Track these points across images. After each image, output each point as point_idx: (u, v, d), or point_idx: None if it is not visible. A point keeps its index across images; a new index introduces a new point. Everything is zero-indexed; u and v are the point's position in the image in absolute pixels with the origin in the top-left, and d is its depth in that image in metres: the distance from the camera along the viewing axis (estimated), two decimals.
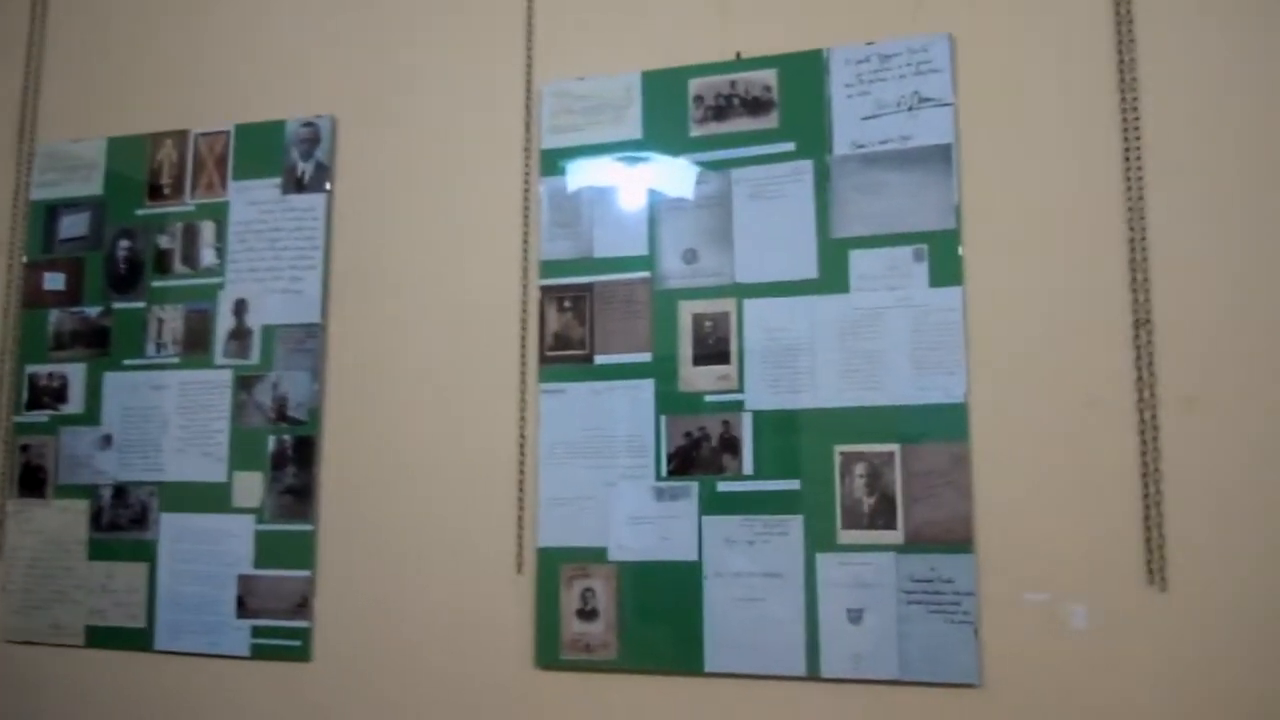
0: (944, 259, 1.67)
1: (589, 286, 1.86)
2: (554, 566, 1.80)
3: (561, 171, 1.90)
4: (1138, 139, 1.61)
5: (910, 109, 1.72)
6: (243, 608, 1.97)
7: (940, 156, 1.70)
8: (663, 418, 1.78)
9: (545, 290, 1.88)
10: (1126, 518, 1.55)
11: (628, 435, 1.79)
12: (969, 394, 1.63)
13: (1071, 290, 1.62)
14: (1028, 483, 1.60)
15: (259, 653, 1.96)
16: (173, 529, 2.04)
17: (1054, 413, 1.60)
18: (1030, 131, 1.67)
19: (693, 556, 1.73)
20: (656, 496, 1.77)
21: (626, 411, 1.80)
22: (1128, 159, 1.61)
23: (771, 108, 1.79)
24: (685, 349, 1.79)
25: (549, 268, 1.88)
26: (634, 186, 1.85)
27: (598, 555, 1.79)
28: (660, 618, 1.74)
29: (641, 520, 1.77)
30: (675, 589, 1.73)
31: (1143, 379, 1.56)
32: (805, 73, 1.79)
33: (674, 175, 1.82)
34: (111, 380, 2.13)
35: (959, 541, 1.61)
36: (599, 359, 1.83)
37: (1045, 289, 1.63)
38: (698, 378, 1.78)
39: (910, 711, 1.61)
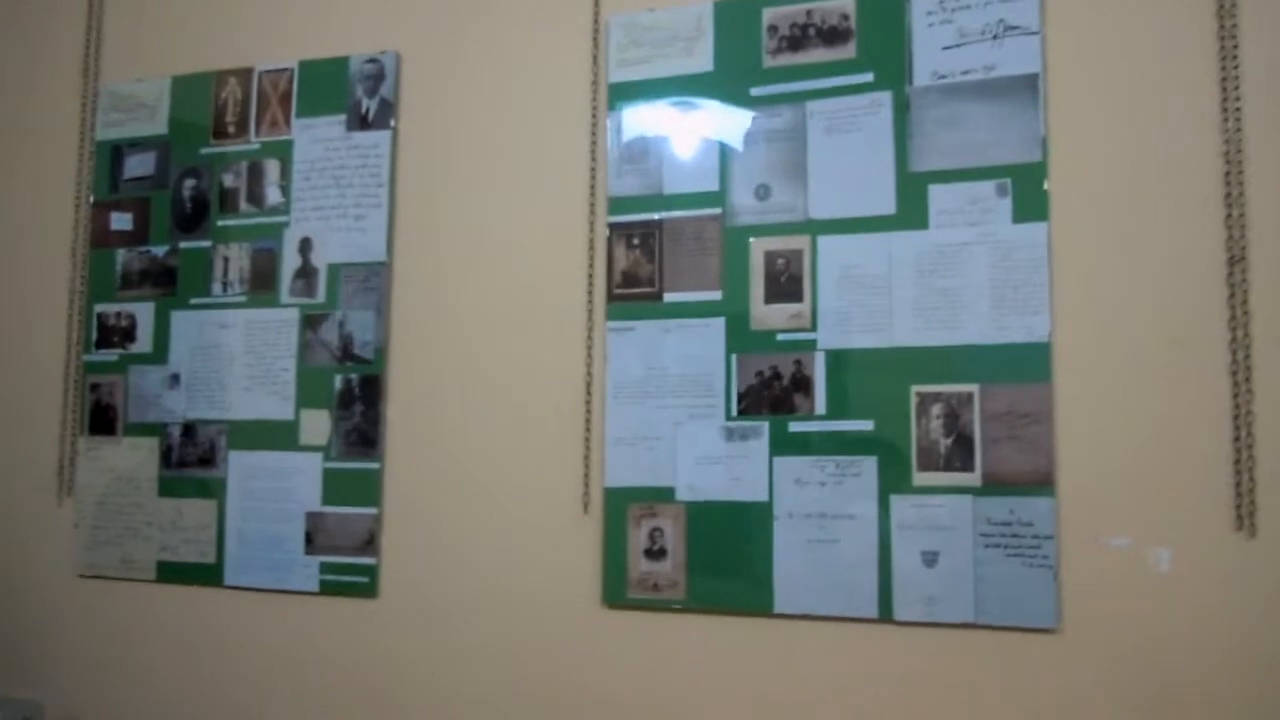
0: (1029, 194, 1.61)
1: (658, 223, 1.82)
2: (621, 506, 1.79)
3: (630, 105, 1.86)
4: (1236, 69, 1.53)
5: (995, 37, 1.66)
6: (311, 544, 1.99)
7: (1026, 87, 1.63)
8: (733, 356, 1.75)
9: (613, 227, 1.85)
10: (1215, 461, 1.50)
11: (697, 374, 1.77)
12: (1053, 333, 1.59)
13: (1162, 227, 1.56)
14: (1112, 424, 1.55)
15: (326, 589, 1.97)
16: (241, 467, 2.06)
17: (1142, 353, 1.55)
18: (1120, 62, 1.60)
19: (763, 497, 1.71)
20: (726, 436, 1.74)
21: (696, 350, 1.77)
22: (1225, 90, 1.53)
23: (849, 37, 1.74)
24: (757, 287, 1.75)
25: (617, 204, 1.85)
26: (705, 121, 1.81)
27: (666, 495, 1.77)
28: (729, 558, 1.72)
29: (711, 460, 1.75)
30: (745, 529, 1.71)
31: (1236, 318, 1.50)
32: (885, 1, 1.73)
33: (747, 109, 1.78)
34: (179, 319, 2.14)
35: (1039, 484, 1.57)
36: (668, 297, 1.80)
37: (1134, 225, 1.57)
38: (769, 316, 1.74)
39: (985, 655, 1.58)
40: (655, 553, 1.77)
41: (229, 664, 2.04)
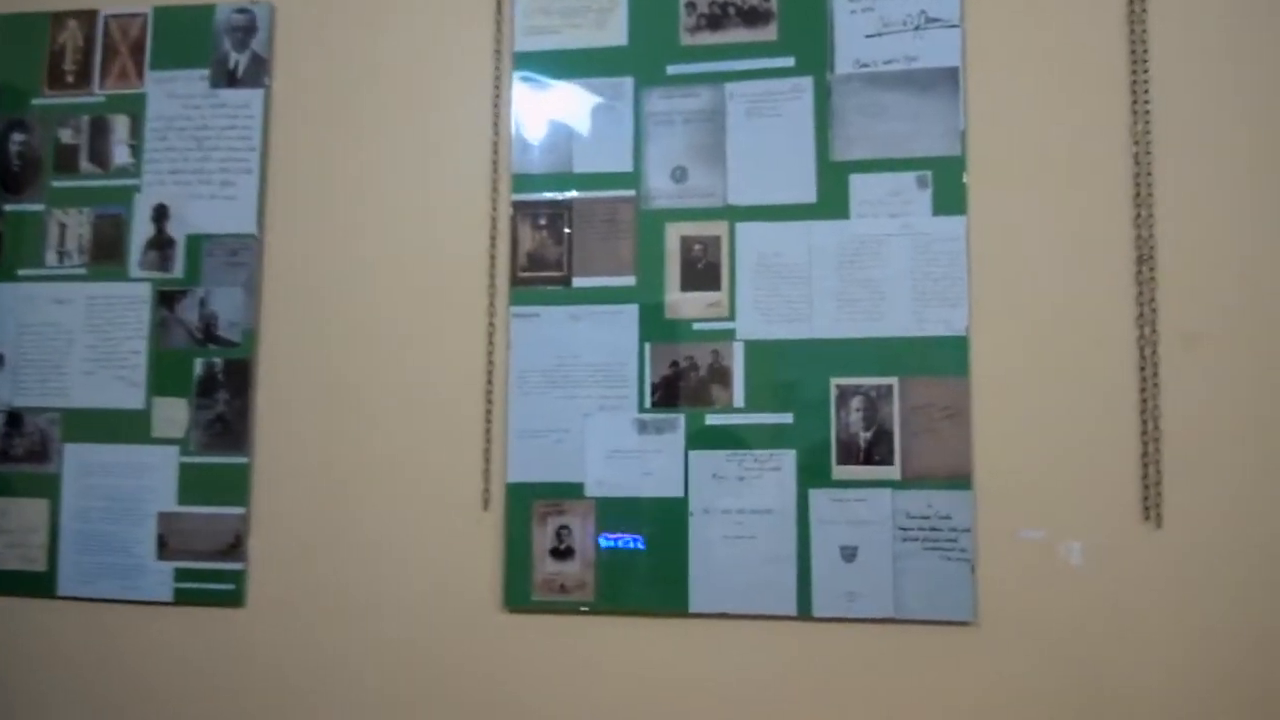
0: (948, 187, 1.61)
1: (567, 204, 1.72)
2: (525, 503, 1.68)
3: (537, 77, 1.75)
4: (1146, 70, 1.58)
5: (917, 28, 1.65)
6: (164, 548, 1.77)
7: (947, 80, 1.63)
8: (647, 345, 1.67)
9: (518, 206, 1.73)
10: (1123, 454, 1.54)
11: (608, 364, 1.67)
12: (971, 327, 1.59)
13: (1075, 224, 1.58)
14: (1026, 419, 1.57)
15: (184, 598, 1.76)
16: (79, 461, 1.81)
17: (1055, 348, 1.57)
18: (1037, 59, 1.62)
19: (678, 493, 1.64)
20: (639, 429, 1.66)
21: (607, 338, 1.68)
22: (1135, 91, 1.58)
23: (770, 19, 1.69)
24: (672, 273, 1.67)
25: (522, 182, 1.73)
26: (618, 97, 1.72)
27: (573, 491, 1.67)
28: (642, 556, 1.65)
29: (622, 454, 1.66)
30: (659, 526, 1.64)
31: (1144, 315, 1.55)
32: None
33: (663, 87, 1.71)
34: (4, 293, 1.86)
35: (957, 477, 1.57)
36: (577, 281, 1.70)
37: (1049, 222, 1.59)
38: (685, 304, 1.67)
39: (904, 650, 1.57)
40: (562, 552, 1.67)
41: (63, 683, 1.79)
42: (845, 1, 1.66)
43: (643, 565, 1.64)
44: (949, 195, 1.61)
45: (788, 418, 1.63)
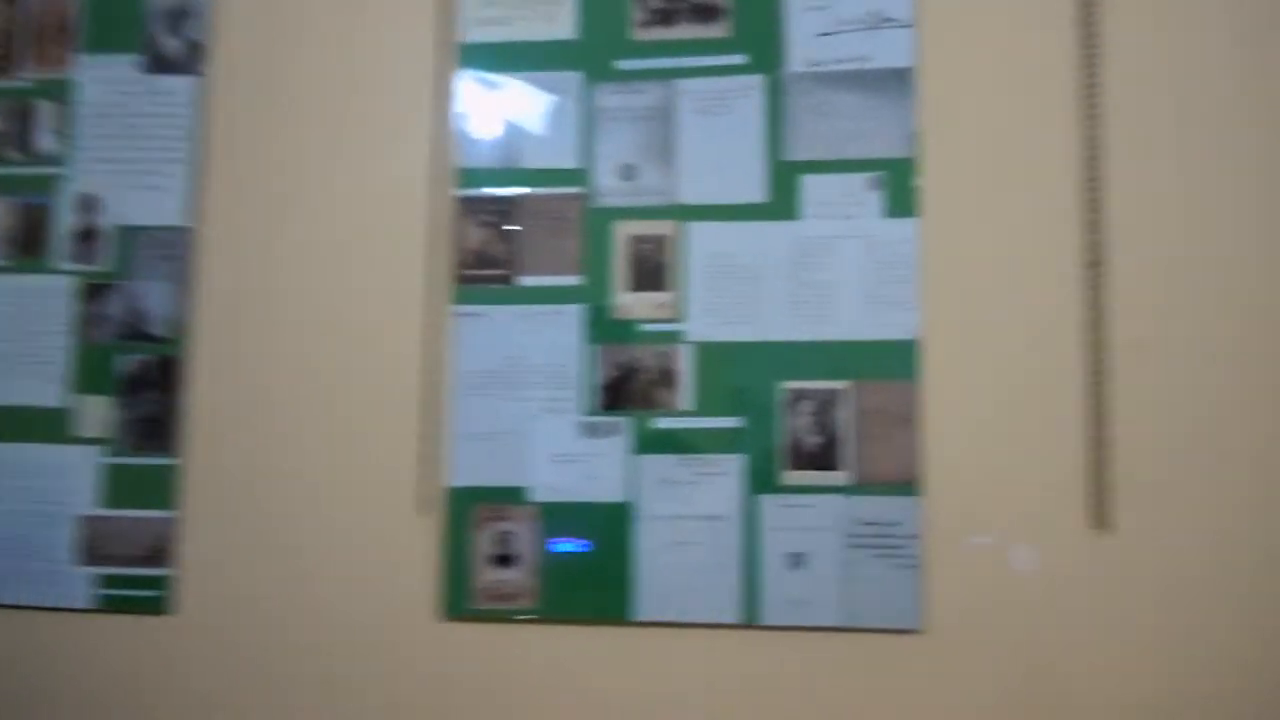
0: (900, 189, 1.59)
1: (514, 200, 1.67)
2: (466, 507, 1.62)
3: (484, 70, 1.70)
4: (1097, 74, 1.56)
5: (870, 28, 1.63)
6: (85, 553, 1.69)
7: (900, 81, 1.61)
8: (593, 347, 1.63)
9: (463, 202, 1.68)
10: (1074, 461, 1.53)
11: (553, 365, 1.63)
12: (921, 331, 1.58)
13: (1027, 229, 1.57)
14: (977, 424, 1.55)
15: (107, 605, 1.68)
16: None
17: (1005, 353, 1.56)
18: (989, 63, 1.60)
19: (624, 498, 1.60)
20: (584, 432, 1.62)
21: (553, 339, 1.63)
22: (1087, 94, 1.57)
23: (722, 15, 1.65)
24: (620, 273, 1.63)
25: (468, 177, 1.68)
26: (567, 92, 1.68)
27: (516, 495, 1.62)
28: (587, 563, 1.60)
29: (567, 458, 1.62)
30: (604, 532, 1.60)
31: (1094, 320, 1.55)
32: None
33: (612, 83, 1.67)
34: None
35: (907, 483, 1.55)
36: (523, 280, 1.65)
37: (1001, 226, 1.57)
38: (633, 304, 1.63)
39: (851, 658, 1.54)
40: (503, 559, 1.62)
41: None
42: (798, 0, 1.65)
43: (587, 572, 1.60)
44: (901, 198, 1.59)
45: (737, 422, 1.59)
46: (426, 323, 1.66)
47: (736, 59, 1.65)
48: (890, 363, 1.57)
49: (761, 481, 1.58)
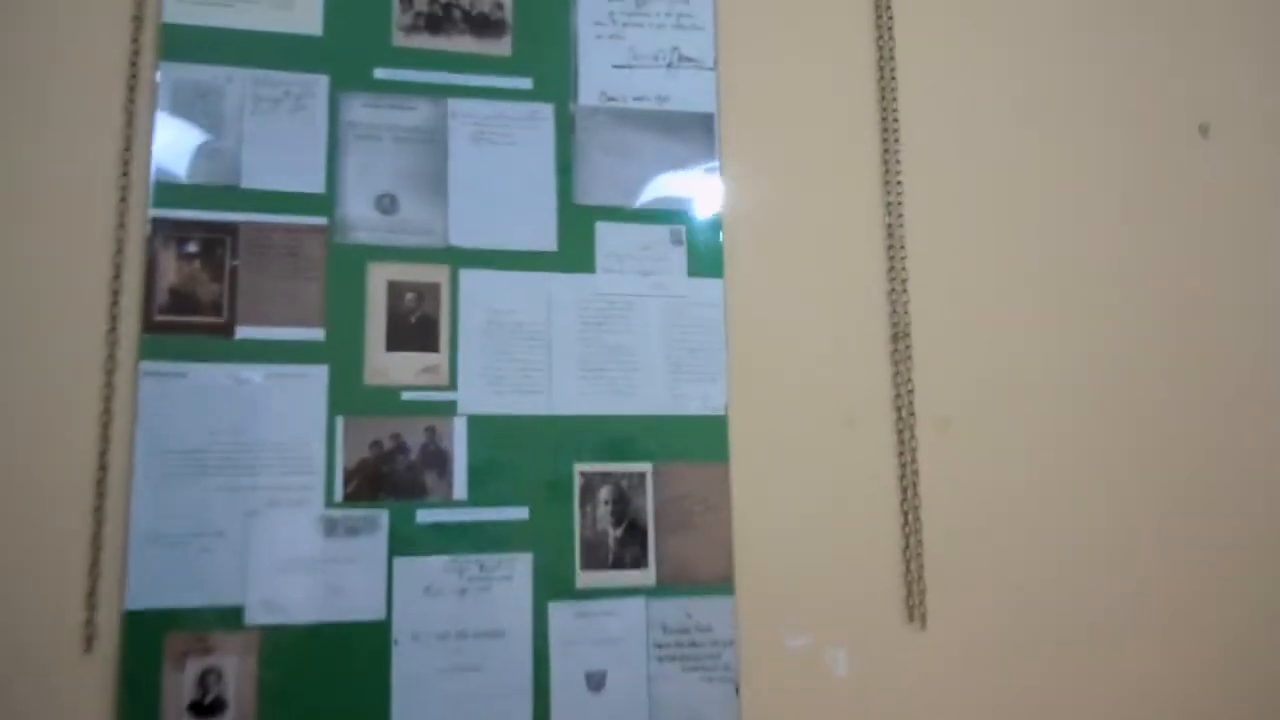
0: (704, 245, 1.41)
1: (231, 227, 1.28)
2: (152, 639, 1.17)
3: (194, 59, 1.31)
4: (897, 131, 1.49)
5: (669, 65, 1.45)
6: None
7: (702, 126, 1.44)
8: (339, 419, 1.26)
9: (159, 225, 1.26)
10: (886, 549, 1.40)
11: (284, 442, 1.24)
12: (730, 405, 1.39)
13: (831, 295, 1.45)
14: (788, 510, 1.38)
15: None
16: None
17: (815, 431, 1.41)
18: (794, 110, 1.48)
19: (379, 614, 1.23)
20: (327, 530, 1.24)
21: (284, 408, 1.25)
22: (886, 154, 1.49)
23: (503, 30, 1.40)
24: (376, 327, 1.30)
25: (166, 193, 1.27)
26: (307, 98, 1.33)
27: (228, 618, 1.20)
28: (326, 705, 1.21)
29: (302, 565, 1.23)
30: (351, 662, 1.23)
31: (900, 396, 1.44)
32: None
33: (366, 93, 1.35)
34: None
35: (718, 580, 1.33)
36: (243, 331, 1.26)
37: (807, 291, 1.44)
38: (393, 367, 1.30)
39: None
40: (207, 707, 1.18)
41: None
42: (591, 25, 1.44)
43: (327, 714, 1.22)
44: (705, 255, 1.41)
45: (522, 512, 1.30)
46: (103, 384, 1.22)
47: (520, 82, 1.39)
48: (699, 441, 1.36)
49: (553, 585, 1.29)
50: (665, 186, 1.41)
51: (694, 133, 1.44)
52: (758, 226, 1.44)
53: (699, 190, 1.42)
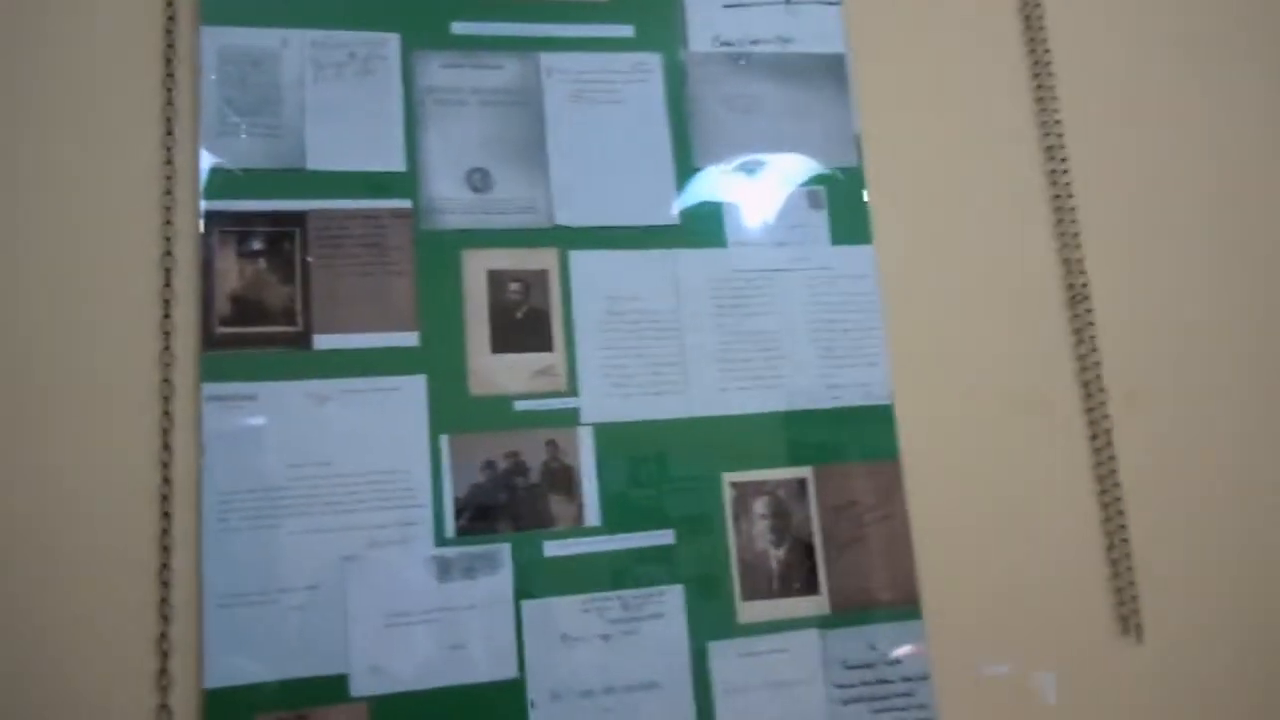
0: (848, 206, 1.20)
1: (298, 216, 1.06)
2: None
3: (241, 22, 1.10)
4: (1049, 67, 1.28)
5: (788, 1, 1.25)
6: None
7: (830, 69, 1.23)
8: (443, 439, 1.05)
9: (213, 219, 1.05)
10: (1088, 551, 1.18)
11: (380, 470, 1.02)
12: (895, 393, 1.18)
13: (996, 256, 1.24)
14: (969, 513, 1.16)
15: None
16: None
17: (992, 416, 1.19)
18: (934, 53, 1.28)
19: (510, 672, 1.02)
20: (440, 573, 1.03)
21: (377, 430, 1.03)
22: (1040, 96, 1.28)
23: None
24: (478, 326, 1.08)
25: (219, 181, 1.06)
26: (376, 60, 1.12)
27: (330, 690, 0.98)
28: None
29: (413, 617, 1.01)
30: None
31: (1086, 370, 1.23)
32: None
33: (445, 51, 1.14)
34: None
35: (902, 602, 1.12)
36: (321, 341, 1.05)
37: (966, 253, 1.22)
38: (501, 372, 1.08)
39: None
40: None
41: None
42: None
43: None
44: (850, 218, 1.20)
45: (667, 536, 1.08)
46: (159, 417, 1.00)
47: (622, 30, 1.18)
48: (863, 437, 1.14)
49: (711, 621, 1.08)
50: (795, 142, 1.20)
51: (822, 77, 1.23)
52: (905, 181, 1.22)
53: (834, 144, 1.21)
